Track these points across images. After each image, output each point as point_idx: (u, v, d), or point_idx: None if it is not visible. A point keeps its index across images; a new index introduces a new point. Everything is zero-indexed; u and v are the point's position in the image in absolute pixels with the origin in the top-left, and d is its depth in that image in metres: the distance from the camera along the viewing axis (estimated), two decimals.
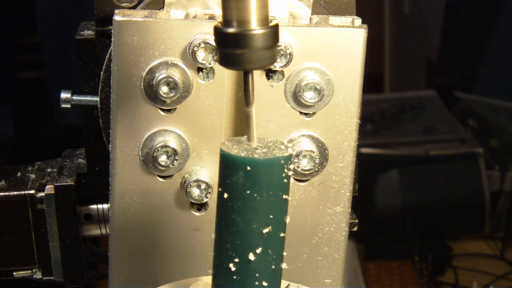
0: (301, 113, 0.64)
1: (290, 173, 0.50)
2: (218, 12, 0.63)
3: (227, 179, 0.50)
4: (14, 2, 2.31)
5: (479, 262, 1.96)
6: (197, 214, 0.67)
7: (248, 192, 0.50)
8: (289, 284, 0.57)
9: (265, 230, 0.50)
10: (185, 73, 0.62)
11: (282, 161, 0.50)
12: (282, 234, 0.51)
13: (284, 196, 0.50)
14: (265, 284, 0.51)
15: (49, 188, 0.73)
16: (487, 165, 2.05)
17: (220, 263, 0.51)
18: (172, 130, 0.64)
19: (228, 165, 0.50)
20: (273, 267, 0.51)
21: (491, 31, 2.37)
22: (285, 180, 0.50)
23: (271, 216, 0.50)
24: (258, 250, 0.50)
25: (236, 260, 0.51)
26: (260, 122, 0.64)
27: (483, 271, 1.92)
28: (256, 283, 0.51)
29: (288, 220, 0.51)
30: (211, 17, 0.63)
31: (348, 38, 0.63)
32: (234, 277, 0.51)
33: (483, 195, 2.01)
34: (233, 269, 0.51)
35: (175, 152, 0.63)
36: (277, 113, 0.64)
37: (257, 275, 0.51)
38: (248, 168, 0.49)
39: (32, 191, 0.73)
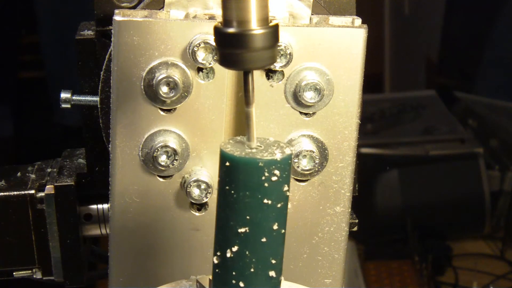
0: (301, 113, 0.64)
1: (274, 178, 0.50)
2: (218, 12, 0.63)
3: (219, 172, 0.52)
4: (14, 2, 2.31)
5: (479, 262, 1.96)
6: (197, 214, 0.67)
7: (227, 187, 0.50)
8: None
9: (241, 230, 0.50)
10: (185, 73, 0.62)
11: (261, 164, 0.49)
12: (264, 239, 0.51)
13: (266, 201, 0.50)
14: (241, 285, 0.51)
15: (49, 188, 0.73)
16: (487, 165, 2.05)
17: (213, 253, 0.53)
18: (172, 130, 0.64)
19: (220, 160, 0.51)
20: (252, 270, 0.51)
21: (491, 31, 2.37)
22: (266, 184, 0.50)
23: (247, 217, 0.50)
24: (234, 249, 0.51)
25: (218, 253, 0.52)
26: (260, 122, 0.64)
27: (483, 271, 1.93)
28: (233, 281, 0.52)
29: (276, 227, 0.51)
30: (211, 17, 0.63)
31: (348, 38, 0.63)
32: (217, 270, 0.52)
33: (483, 195, 2.01)
34: (215, 262, 0.52)
35: (175, 152, 0.63)
36: (277, 113, 0.64)
37: (233, 273, 0.51)
38: (227, 163, 0.50)
39: (32, 191, 0.73)
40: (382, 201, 2.03)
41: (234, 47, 0.50)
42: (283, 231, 0.52)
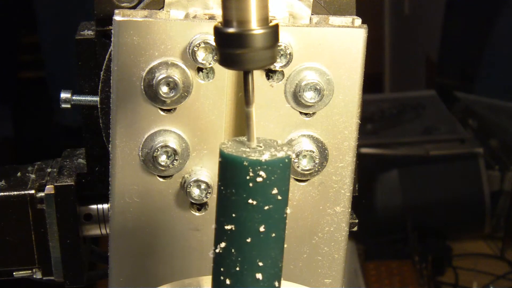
0: (301, 113, 0.64)
1: (259, 179, 0.49)
2: (218, 12, 0.63)
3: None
4: (13, 2, 2.31)
5: (479, 262, 1.96)
6: (197, 214, 0.67)
7: (219, 183, 0.51)
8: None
9: (227, 227, 0.51)
10: (185, 73, 0.62)
11: (245, 163, 0.49)
12: (248, 240, 0.50)
13: (250, 201, 0.50)
14: (228, 282, 0.52)
15: (49, 188, 0.73)
16: (487, 165, 2.05)
17: None
18: (172, 130, 0.64)
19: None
20: (238, 269, 0.51)
21: (491, 31, 2.37)
22: (251, 184, 0.49)
23: (233, 215, 0.50)
24: (222, 245, 0.51)
25: (213, 248, 0.52)
26: (260, 122, 0.64)
27: (483, 271, 1.93)
28: (221, 277, 0.52)
29: (263, 229, 0.50)
30: (211, 17, 0.63)
31: (348, 38, 0.63)
32: (212, 264, 0.53)
33: (483, 195, 2.01)
34: (210, 256, 0.53)
35: (175, 152, 0.63)
36: (277, 113, 0.64)
37: (221, 269, 0.52)
38: (220, 159, 0.51)
39: (32, 191, 0.73)
40: (382, 201, 2.03)
41: (234, 47, 0.50)
42: (273, 235, 0.51)
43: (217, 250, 0.51)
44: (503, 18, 2.34)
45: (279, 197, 0.50)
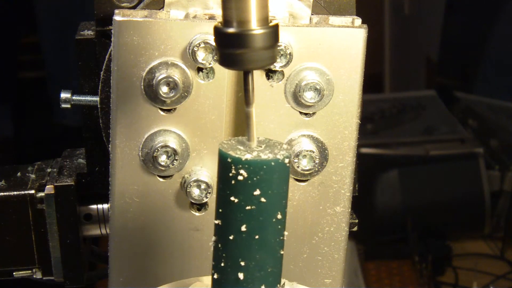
0: (301, 113, 0.64)
1: (240, 177, 0.49)
2: (218, 12, 0.63)
3: None
4: (14, 2, 2.31)
5: (479, 262, 1.96)
6: (197, 214, 0.67)
7: (216, 177, 0.52)
8: (284, 283, 0.57)
9: (216, 222, 0.51)
10: (185, 73, 0.62)
11: (229, 160, 0.50)
12: (231, 237, 0.50)
13: (232, 198, 0.50)
14: (216, 276, 0.52)
15: (49, 188, 0.73)
16: (487, 165, 2.05)
17: None
18: (172, 130, 0.64)
19: None
20: (223, 264, 0.51)
21: (491, 31, 2.37)
22: (233, 182, 0.50)
23: (220, 210, 0.51)
24: (213, 238, 0.52)
25: None
26: (260, 122, 0.64)
27: (483, 271, 1.93)
28: (212, 270, 0.52)
29: (245, 229, 0.50)
30: (211, 17, 0.63)
31: (348, 38, 0.63)
32: (210, 258, 0.53)
33: (483, 195, 2.01)
34: (210, 249, 0.53)
35: (175, 152, 0.63)
36: (277, 113, 0.64)
37: (213, 262, 0.52)
38: (218, 155, 0.51)
39: (32, 191, 0.73)
40: (382, 201, 2.03)
41: (234, 47, 0.50)
42: (257, 237, 0.50)
43: (210, 243, 0.52)
44: (503, 18, 2.34)
45: (263, 200, 0.50)
